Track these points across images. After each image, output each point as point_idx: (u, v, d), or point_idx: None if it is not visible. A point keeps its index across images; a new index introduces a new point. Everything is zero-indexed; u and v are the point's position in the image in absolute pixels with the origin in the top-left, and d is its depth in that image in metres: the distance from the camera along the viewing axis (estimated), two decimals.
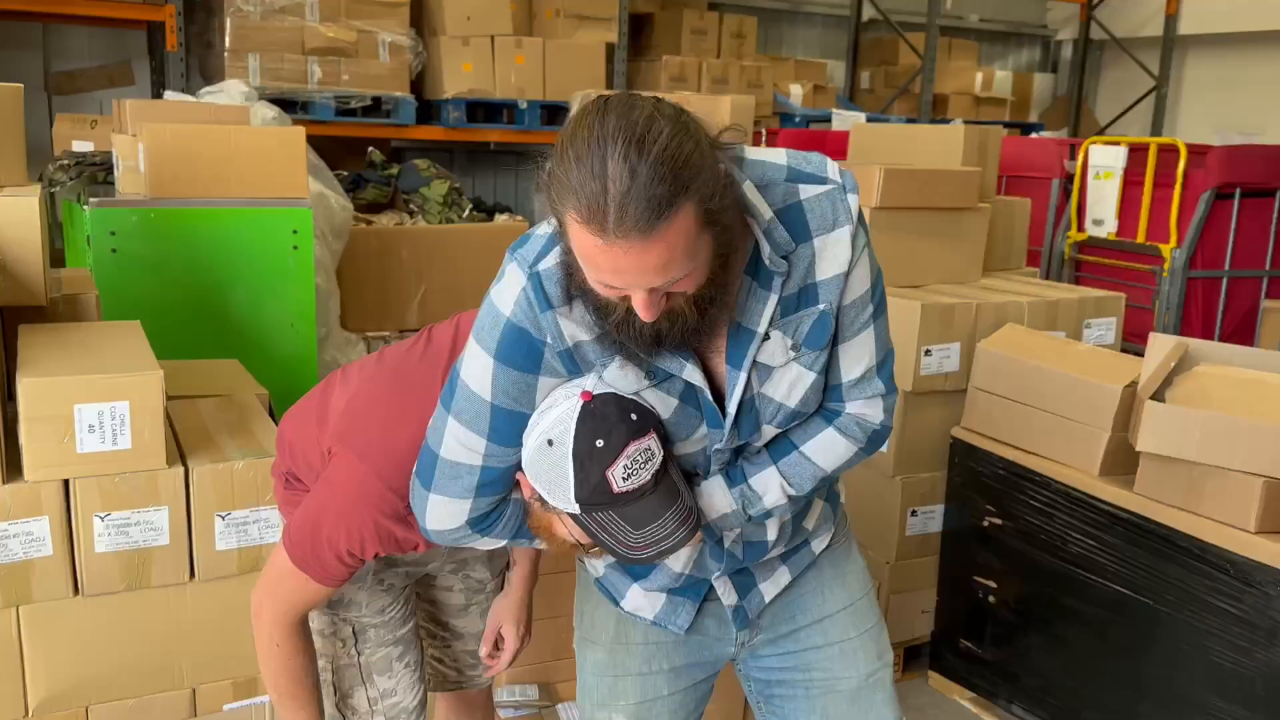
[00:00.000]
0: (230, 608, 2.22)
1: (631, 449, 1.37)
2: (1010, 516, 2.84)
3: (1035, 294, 3.31)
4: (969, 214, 3.39)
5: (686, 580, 1.64)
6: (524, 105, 6.64)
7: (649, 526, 1.40)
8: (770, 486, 1.51)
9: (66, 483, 2.03)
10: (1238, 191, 4.69)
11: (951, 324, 3.04)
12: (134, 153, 3.60)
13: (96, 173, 4.08)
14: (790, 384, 1.47)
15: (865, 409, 1.53)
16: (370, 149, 5.92)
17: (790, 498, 1.53)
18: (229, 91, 4.51)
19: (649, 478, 1.38)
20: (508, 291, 1.40)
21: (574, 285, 1.35)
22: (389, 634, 1.83)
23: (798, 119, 7.62)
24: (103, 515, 2.06)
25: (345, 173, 5.50)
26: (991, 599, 2.92)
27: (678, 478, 1.44)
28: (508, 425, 1.44)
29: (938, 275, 3.34)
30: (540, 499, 1.47)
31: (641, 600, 1.67)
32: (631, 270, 1.25)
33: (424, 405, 1.58)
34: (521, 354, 1.40)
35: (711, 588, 1.66)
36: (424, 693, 1.91)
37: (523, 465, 1.46)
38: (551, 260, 1.37)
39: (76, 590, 2.09)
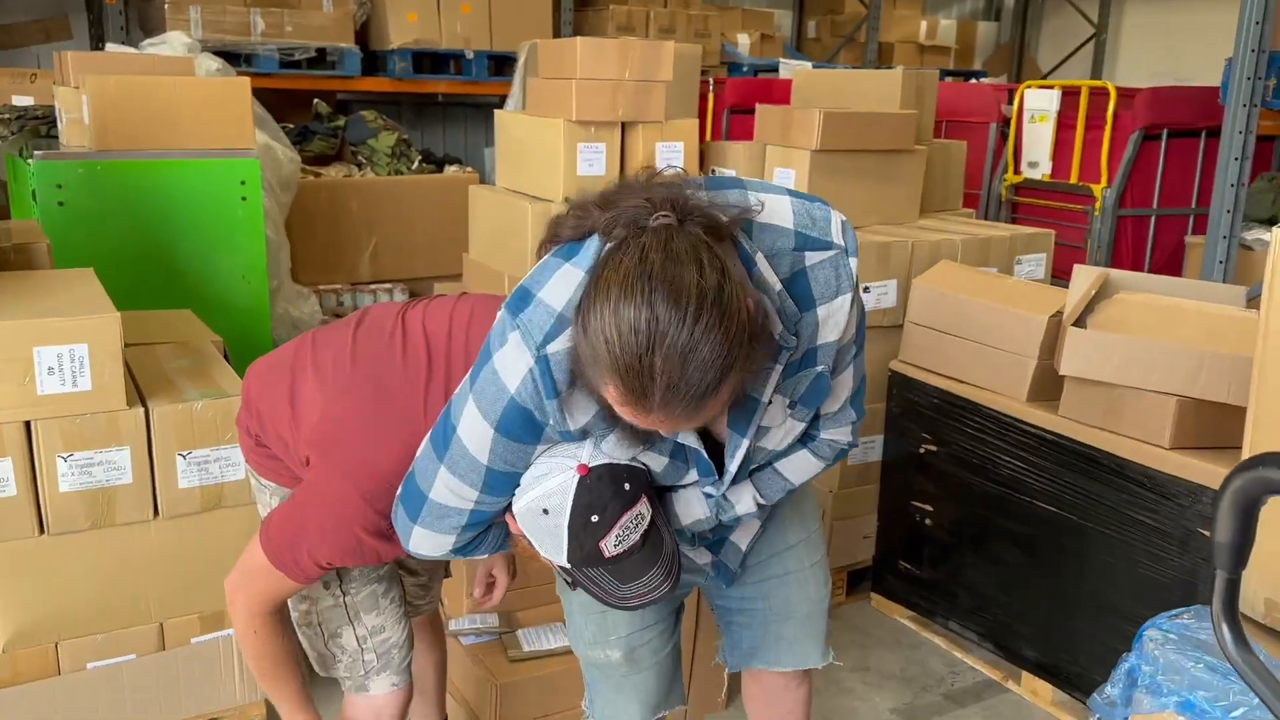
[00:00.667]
0: (194, 544, 2.29)
1: (624, 519, 1.41)
2: (945, 443, 2.97)
3: (969, 232, 3.43)
4: (906, 156, 3.50)
5: None
6: (471, 55, 6.61)
7: (635, 581, 1.46)
8: (743, 497, 1.59)
9: (28, 424, 2.08)
10: (1165, 132, 4.84)
11: (889, 262, 3.15)
12: (77, 105, 3.59)
13: (39, 126, 4.05)
14: (783, 435, 1.54)
15: (838, 434, 1.62)
16: (316, 101, 5.89)
17: (760, 506, 1.61)
18: (171, 43, 4.47)
19: (638, 538, 1.43)
20: (513, 368, 1.35)
21: (583, 380, 1.31)
22: (372, 573, 1.86)
23: (745, 68, 7.66)
24: (65, 455, 2.12)
25: (291, 125, 5.48)
26: (928, 522, 3.06)
27: (663, 526, 1.50)
28: (501, 482, 1.46)
29: (876, 216, 3.44)
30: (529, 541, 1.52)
31: None
32: (666, 429, 1.30)
33: (406, 422, 1.62)
34: (522, 428, 1.39)
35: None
36: (409, 627, 1.96)
37: (515, 517, 1.50)
38: (561, 345, 1.32)
39: (42, 529, 2.15)
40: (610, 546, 1.41)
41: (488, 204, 3.41)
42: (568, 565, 1.46)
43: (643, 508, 1.43)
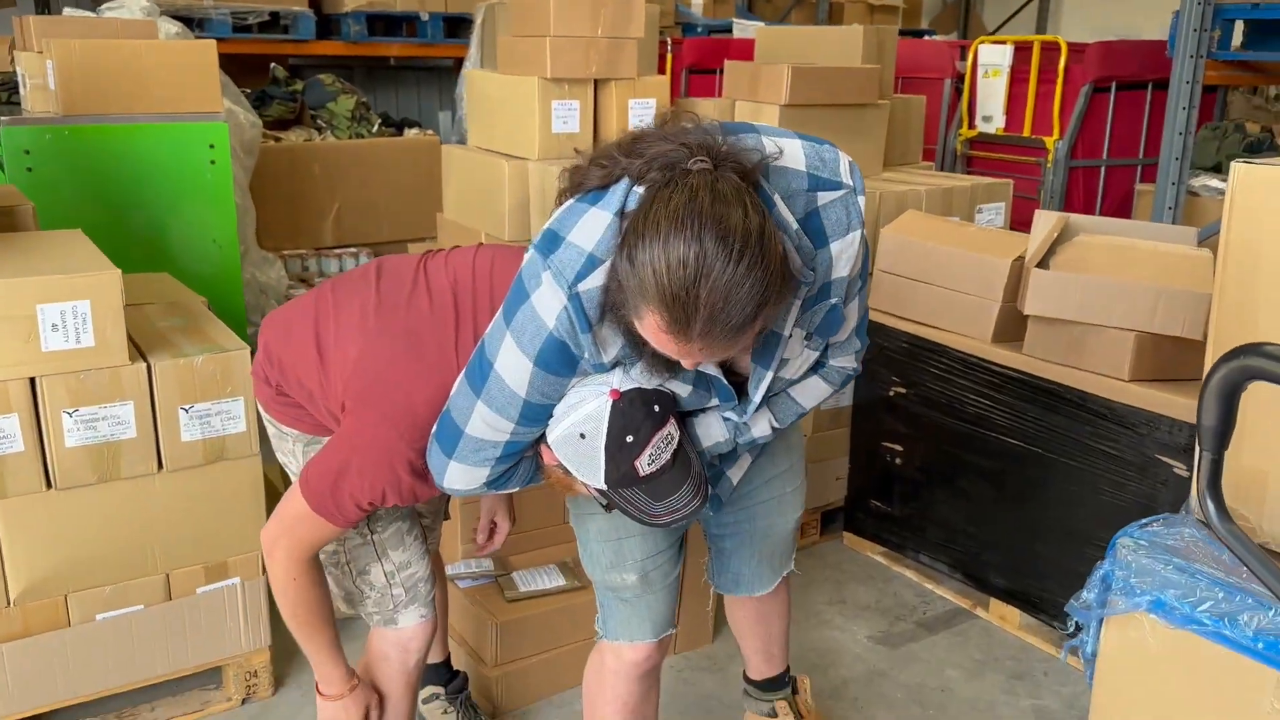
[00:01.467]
0: (198, 496, 2.35)
1: (656, 438, 1.51)
2: (913, 385, 3.10)
3: (932, 183, 3.55)
4: (870, 110, 3.59)
5: None
6: (425, 17, 6.58)
7: (669, 498, 1.56)
8: (760, 422, 1.69)
9: (33, 381, 2.12)
10: (1113, 85, 4.99)
11: None
12: (42, 70, 3.56)
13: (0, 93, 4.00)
14: (800, 365, 1.65)
15: (845, 361, 1.74)
16: (273, 65, 5.85)
17: (774, 428, 1.72)
18: (129, 7, 4.43)
19: (669, 457, 1.53)
20: (549, 305, 1.44)
21: (614, 315, 1.40)
22: (396, 511, 1.92)
23: (699, 29, 7.70)
24: (70, 411, 2.16)
25: (248, 90, 5.44)
26: (898, 461, 3.19)
27: (689, 449, 1.60)
28: (536, 413, 1.55)
29: None
30: (565, 469, 1.60)
31: None
32: (701, 358, 1.39)
33: (439, 365, 1.69)
34: (560, 362, 1.48)
35: None
36: (434, 563, 2.04)
37: (550, 445, 1.58)
38: (593, 283, 1.41)
39: (49, 484, 2.19)
40: (645, 465, 1.50)
41: (462, 163, 3.44)
42: (605, 487, 1.54)
43: (671, 428, 1.53)
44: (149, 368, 2.22)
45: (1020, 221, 4.13)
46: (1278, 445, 1.62)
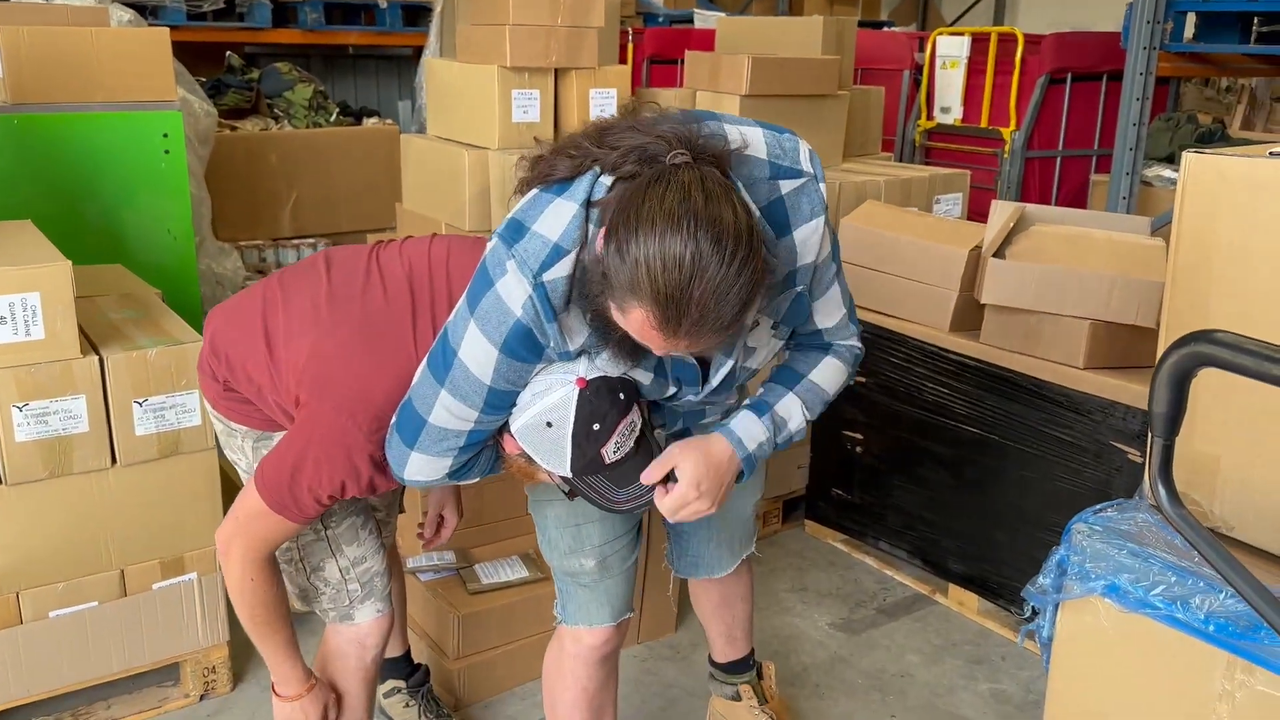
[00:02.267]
0: (153, 491, 2.31)
1: (621, 426, 1.52)
2: (873, 374, 3.12)
3: (890, 174, 3.57)
4: (830, 100, 3.61)
5: None
6: (384, 5, 6.52)
7: (631, 485, 1.56)
8: (793, 412, 1.68)
9: None
10: (1069, 76, 5.05)
11: None
12: None
13: None
14: (766, 354, 1.65)
15: (848, 342, 1.74)
16: (229, 53, 5.77)
17: (807, 421, 1.70)
18: None
19: (633, 444, 1.54)
20: (514, 294, 1.43)
21: (585, 304, 1.42)
22: (350, 505, 1.90)
23: (661, 19, 7.68)
24: (20, 405, 2.12)
25: (203, 79, 5.36)
26: (859, 449, 3.22)
27: (651, 437, 1.60)
28: (501, 399, 1.54)
29: None
30: (528, 458, 1.60)
31: None
32: (683, 351, 1.40)
33: (396, 354, 1.66)
34: (526, 349, 1.48)
35: None
36: (387, 556, 2.02)
37: (514, 434, 1.58)
38: (558, 273, 1.41)
39: (0, 479, 2.14)
40: (610, 453, 1.51)
41: (421, 153, 3.42)
42: (570, 474, 1.54)
43: (635, 416, 1.53)
44: (101, 361, 2.19)
45: (977, 212, 4.16)
46: (1229, 430, 1.65)
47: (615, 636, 1.95)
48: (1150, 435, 1.03)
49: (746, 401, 1.70)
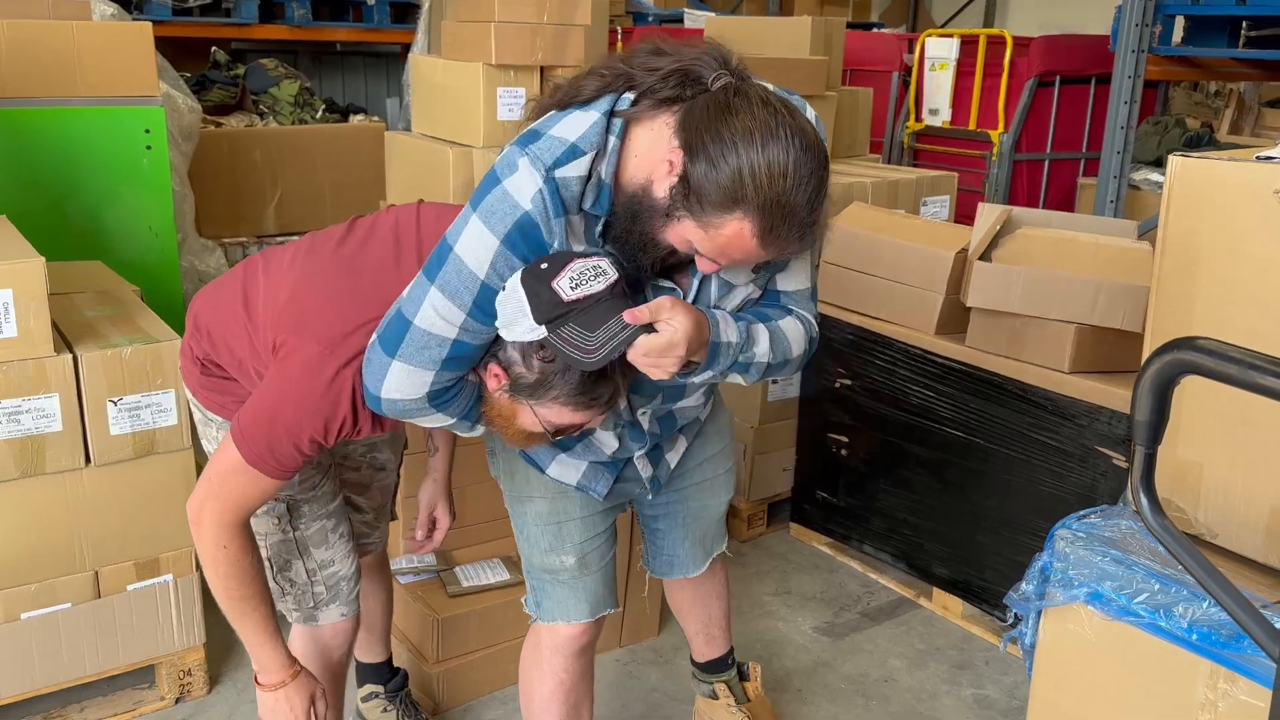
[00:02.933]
0: (128, 491, 2.28)
1: (576, 264, 1.43)
2: (859, 377, 3.10)
3: (878, 175, 3.56)
4: (818, 101, 3.59)
5: (609, 457, 1.81)
6: (372, 2, 6.48)
7: (602, 327, 1.42)
8: (760, 338, 1.62)
9: None
10: (1058, 79, 5.04)
11: None
12: None
13: None
14: (742, 299, 1.64)
15: (808, 316, 1.72)
16: (214, 49, 5.72)
17: (767, 364, 1.64)
18: None
19: (602, 288, 1.42)
20: (525, 185, 1.42)
21: (595, 215, 1.45)
22: (321, 508, 1.86)
23: (651, 18, 7.66)
24: None
25: (188, 75, 5.32)
26: (844, 452, 3.20)
27: (630, 294, 1.48)
28: (490, 302, 1.48)
29: None
30: (508, 386, 1.53)
31: (562, 468, 1.82)
32: (748, 260, 1.43)
33: (376, 289, 1.61)
34: (528, 244, 1.45)
35: (628, 460, 1.83)
36: (357, 562, 1.97)
37: (495, 311, 1.49)
38: (571, 171, 1.42)
39: None
40: (566, 289, 1.41)
41: (406, 150, 3.39)
42: (538, 326, 1.43)
43: (604, 264, 1.44)
44: (75, 359, 2.15)
45: (965, 214, 4.16)
46: (1212, 437, 1.64)
47: (593, 630, 1.95)
48: (1132, 443, 1.01)
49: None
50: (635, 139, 1.46)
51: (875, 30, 7.87)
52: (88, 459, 2.22)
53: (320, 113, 5.59)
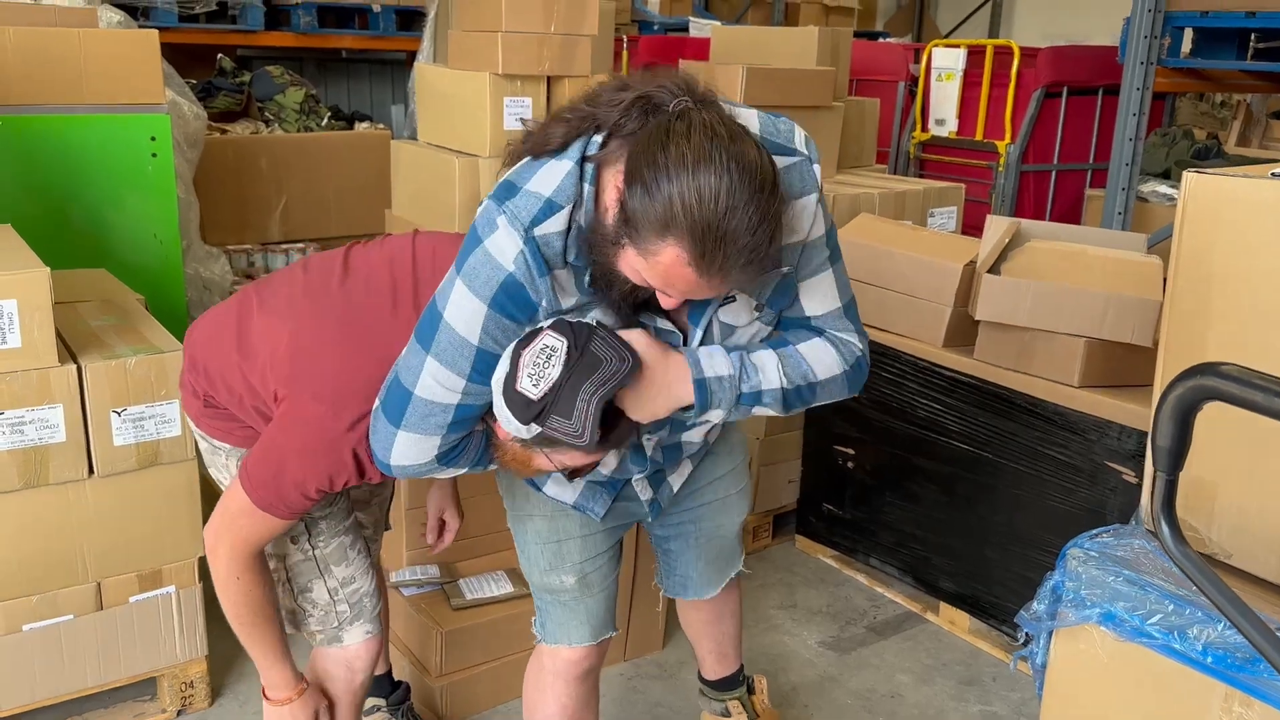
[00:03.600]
0: (131, 502, 2.27)
1: (526, 357, 1.42)
2: (866, 389, 3.06)
3: (885, 186, 3.55)
4: (824, 112, 3.58)
5: (607, 477, 1.79)
6: (378, 9, 6.48)
7: (575, 406, 1.41)
8: (767, 365, 1.57)
9: None
10: (1065, 90, 5.03)
11: None
12: None
13: None
14: (750, 336, 1.59)
15: (849, 336, 1.64)
16: (220, 56, 5.73)
17: (784, 390, 1.57)
18: None
19: (559, 371, 1.40)
20: (506, 246, 1.40)
21: (585, 259, 1.41)
22: (338, 524, 1.86)
23: (656, 26, 7.66)
24: None
25: (194, 81, 5.32)
26: (850, 465, 3.18)
27: (601, 344, 1.44)
28: (488, 365, 1.48)
29: None
30: (522, 442, 1.52)
31: (560, 487, 1.80)
32: (700, 294, 1.37)
33: (376, 340, 1.61)
34: (515, 305, 1.43)
35: (627, 481, 1.81)
36: (377, 576, 1.97)
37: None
38: (551, 228, 1.40)
39: None
40: (530, 388, 1.41)
41: (411, 159, 3.38)
42: (528, 426, 1.44)
43: (550, 339, 1.42)
44: (79, 369, 2.14)
45: (972, 225, 4.14)
46: (1227, 457, 1.62)
47: (595, 654, 1.92)
48: (1152, 469, 1.00)
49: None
50: (607, 181, 1.42)
51: (881, 40, 7.87)
52: (91, 470, 2.21)
53: (325, 120, 5.58)
